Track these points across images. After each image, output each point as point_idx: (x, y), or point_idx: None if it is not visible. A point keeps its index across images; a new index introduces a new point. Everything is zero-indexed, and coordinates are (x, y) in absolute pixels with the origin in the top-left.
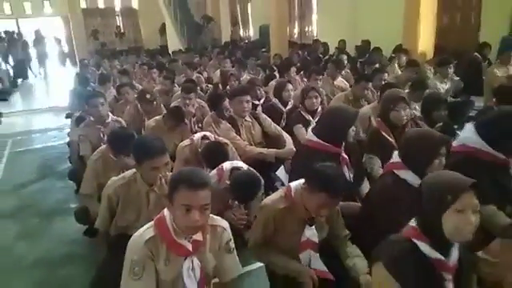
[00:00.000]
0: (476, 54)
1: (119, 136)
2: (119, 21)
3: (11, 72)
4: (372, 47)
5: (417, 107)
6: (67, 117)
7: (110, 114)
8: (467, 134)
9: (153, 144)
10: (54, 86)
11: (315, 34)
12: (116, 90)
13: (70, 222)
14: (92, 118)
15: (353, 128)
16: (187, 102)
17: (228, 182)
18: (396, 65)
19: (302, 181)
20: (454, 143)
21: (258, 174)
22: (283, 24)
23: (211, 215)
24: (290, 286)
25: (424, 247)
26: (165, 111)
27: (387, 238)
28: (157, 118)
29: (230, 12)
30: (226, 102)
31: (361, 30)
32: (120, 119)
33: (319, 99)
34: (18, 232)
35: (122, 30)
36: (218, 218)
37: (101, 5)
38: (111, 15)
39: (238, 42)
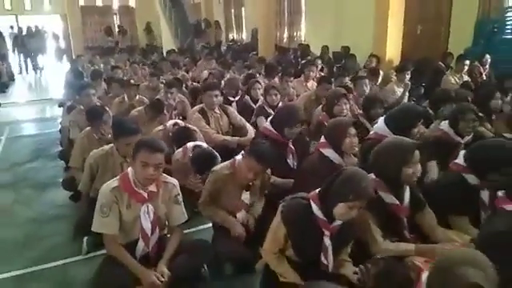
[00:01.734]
0: (440, 62)
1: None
2: (116, 19)
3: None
4: (350, 53)
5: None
6: (60, 105)
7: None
8: (379, 125)
9: (128, 125)
10: (50, 79)
11: (303, 39)
12: (106, 84)
13: (58, 192)
14: (82, 107)
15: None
16: (169, 95)
17: (190, 157)
18: None
19: None
20: (371, 132)
21: (215, 152)
22: (270, 29)
23: (164, 175)
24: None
25: (315, 208)
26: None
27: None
28: (139, 108)
29: (224, 14)
30: None
31: (343, 36)
32: (107, 109)
33: (279, 96)
34: (14, 198)
35: (117, 29)
36: (170, 177)
37: (99, 3)
38: (109, 13)
39: (223, 45)
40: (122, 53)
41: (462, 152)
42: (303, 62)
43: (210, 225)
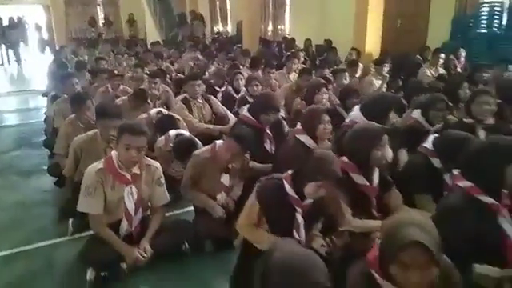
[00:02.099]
0: (418, 56)
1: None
2: (100, 10)
3: None
4: (332, 47)
5: None
6: (43, 95)
7: None
8: (355, 113)
9: (110, 109)
10: (32, 71)
11: (287, 33)
12: (90, 74)
13: (44, 178)
14: (66, 96)
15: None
16: (152, 85)
17: (171, 145)
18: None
19: None
20: (347, 120)
21: (196, 140)
22: (255, 22)
23: (148, 158)
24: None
25: (288, 187)
26: None
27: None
28: (123, 98)
29: (209, 7)
30: None
31: (326, 30)
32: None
33: (260, 87)
34: (1, 185)
35: (103, 20)
36: (153, 160)
37: None
38: (92, 4)
39: (208, 37)
40: (105, 44)
41: (431, 137)
42: (287, 54)
43: (192, 208)
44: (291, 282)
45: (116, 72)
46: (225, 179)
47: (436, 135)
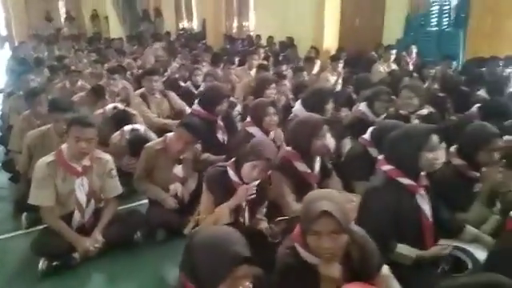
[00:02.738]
0: (373, 53)
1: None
2: (63, 5)
3: None
4: (293, 44)
5: None
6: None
7: None
8: (297, 107)
9: (60, 102)
10: None
11: (252, 30)
12: (49, 71)
13: None
14: (21, 92)
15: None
16: (111, 82)
17: (126, 139)
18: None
19: None
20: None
21: (152, 135)
22: (219, 19)
23: (99, 151)
24: None
25: (231, 173)
26: None
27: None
28: (80, 94)
29: (174, 4)
30: None
31: (289, 27)
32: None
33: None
34: None
35: (65, 15)
36: (104, 153)
37: None
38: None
39: (165, 34)
40: (65, 40)
41: (371, 128)
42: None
43: (146, 201)
44: (212, 255)
45: (73, 68)
46: (177, 170)
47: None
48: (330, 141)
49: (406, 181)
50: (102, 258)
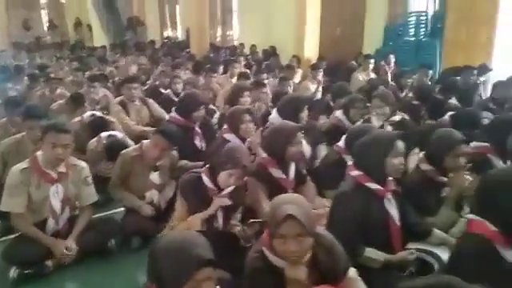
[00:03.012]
0: (353, 62)
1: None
2: (45, 14)
3: None
4: (275, 53)
5: None
6: None
7: None
8: (273, 115)
9: (33, 109)
10: None
11: (236, 38)
12: (29, 80)
13: None
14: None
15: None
16: (91, 90)
17: (104, 145)
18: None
19: None
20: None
21: (129, 142)
22: (203, 28)
23: (75, 158)
24: None
25: (206, 180)
26: None
27: None
28: (60, 101)
29: (159, 13)
30: None
31: (272, 36)
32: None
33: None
34: None
35: (48, 24)
36: (80, 160)
37: None
38: (36, 7)
39: (149, 43)
40: (47, 49)
41: (344, 136)
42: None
43: (122, 209)
44: (174, 258)
45: (52, 75)
46: (154, 177)
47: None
48: (305, 147)
49: (373, 186)
50: (75, 265)
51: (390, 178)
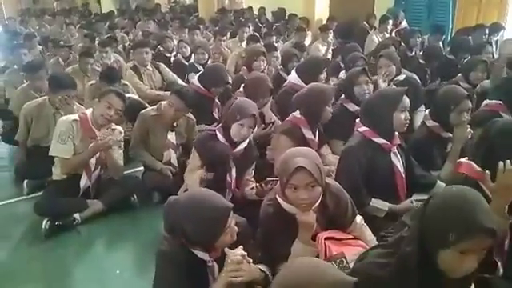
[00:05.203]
0: (365, 23)
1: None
2: None
3: None
4: (292, 14)
5: None
6: None
7: None
8: (292, 75)
9: (66, 80)
10: None
11: (243, 1)
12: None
13: None
14: (16, 67)
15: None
16: (103, 55)
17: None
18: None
19: None
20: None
21: (144, 103)
22: None
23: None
24: None
25: (220, 136)
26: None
27: None
28: (74, 66)
29: None
30: None
31: None
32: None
33: (206, 55)
34: None
35: None
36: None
37: None
38: None
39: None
40: (57, 15)
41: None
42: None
43: (141, 168)
44: (196, 208)
45: (62, 43)
46: (171, 137)
47: None
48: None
49: (380, 140)
50: (101, 218)
51: (396, 133)
